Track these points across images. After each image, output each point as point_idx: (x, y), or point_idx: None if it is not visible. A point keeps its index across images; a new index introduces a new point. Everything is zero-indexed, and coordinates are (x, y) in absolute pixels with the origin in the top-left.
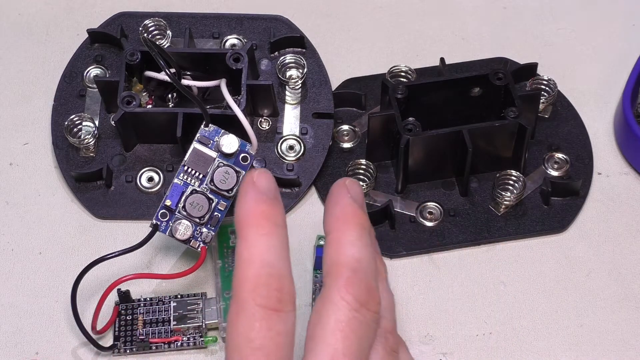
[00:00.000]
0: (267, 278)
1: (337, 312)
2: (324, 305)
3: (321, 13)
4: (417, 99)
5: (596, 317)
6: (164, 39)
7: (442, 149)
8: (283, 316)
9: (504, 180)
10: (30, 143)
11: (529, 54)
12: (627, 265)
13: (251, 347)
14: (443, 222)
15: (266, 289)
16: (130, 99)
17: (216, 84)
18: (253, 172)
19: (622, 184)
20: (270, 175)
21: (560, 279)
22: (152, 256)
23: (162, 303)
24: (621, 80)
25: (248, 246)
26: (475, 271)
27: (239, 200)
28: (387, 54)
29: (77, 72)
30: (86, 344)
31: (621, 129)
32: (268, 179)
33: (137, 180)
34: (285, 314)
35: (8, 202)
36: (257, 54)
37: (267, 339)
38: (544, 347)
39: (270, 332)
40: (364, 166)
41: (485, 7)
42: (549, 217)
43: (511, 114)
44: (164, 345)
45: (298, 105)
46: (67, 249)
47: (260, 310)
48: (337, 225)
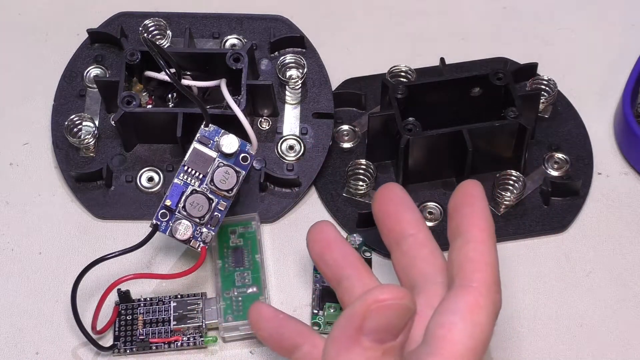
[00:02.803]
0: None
1: (486, 315)
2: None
3: (321, 13)
4: (417, 99)
5: (596, 317)
6: (164, 39)
7: (442, 149)
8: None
9: (504, 180)
10: (30, 143)
11: (529, 54)
12: (627, 265)
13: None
14: (443, 222)
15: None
16: (130, 99)
17: (216, 84)
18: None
19: (622, 184)
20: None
21: (560, 279)
22: (152, 256)
23: (162, 303)
24: (621, 80)
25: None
26: None
27: None
28: (387, 54)
29: (77, 72)
30: (86, 344)
31: (621, 129)
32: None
33: (137, 180)
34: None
35: (8, 202)
36: (257, 54)
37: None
38: (544, 347)
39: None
40: (364, 166)
41: (485, 7)
42: (549, 217)
43: (511, 114)
44: (164, 345)
45: (298, 105)
46: (67, 249)
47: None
48: (480, 225)
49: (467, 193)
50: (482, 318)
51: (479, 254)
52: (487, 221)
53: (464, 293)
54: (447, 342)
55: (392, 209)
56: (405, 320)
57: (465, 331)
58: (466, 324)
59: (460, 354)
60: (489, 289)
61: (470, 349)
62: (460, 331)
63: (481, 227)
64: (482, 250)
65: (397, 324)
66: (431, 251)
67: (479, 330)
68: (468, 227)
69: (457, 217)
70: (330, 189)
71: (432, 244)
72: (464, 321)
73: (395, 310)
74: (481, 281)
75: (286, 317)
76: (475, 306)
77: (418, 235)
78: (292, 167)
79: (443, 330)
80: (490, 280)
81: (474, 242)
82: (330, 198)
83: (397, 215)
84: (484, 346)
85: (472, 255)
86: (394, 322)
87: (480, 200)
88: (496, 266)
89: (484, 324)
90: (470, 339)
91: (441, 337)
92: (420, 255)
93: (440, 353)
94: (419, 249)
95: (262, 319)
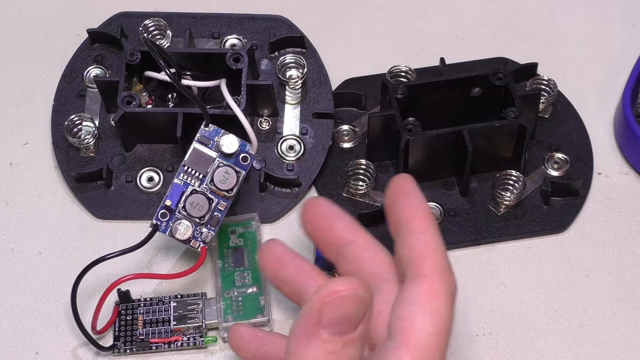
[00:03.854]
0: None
1: (442, 300)
2: (429, 291)
3: (321, 13)
4: (417, 99)
5: (596, 317)
6: (164, 39)
7: (442, 149)
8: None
9: (504, 180)
10: (30, 143)
11: (529, 54)
12: (627, 265)
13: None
14: (443, 222)
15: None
16: (130, 99)
17: (216, 84)
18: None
19: (622, 184)
20: None
21: (560, 279)
22: (152, 256)
23: (162, 303)
24: (621, 80)
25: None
26: (475, 271)
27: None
28: (387, 54)
29: (77, 72)
30: (86, 344)
31: (621, 129)
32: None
33: (137, 180)
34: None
35: (8, 202)
36: (257, 54)
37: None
38: (544, 347)
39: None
40: (364, 166)
41: (485, 7)
42: (549, 217)
43: (511, 114)
44: (164, 345)
45: (298, 105)
46: (67, 249)
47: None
48: (418, 215)
49: (399, 187)
50: (440, 303)
51: (424, 242)
52: (424, 210)
53: (417, 283)
54: (410, 333)
55: (323, 223)
56: (362, 310)
57: (425, 319)
58: (425, 312)
59: (424, 341)
60: (441, 274)
61: (433, 335)
62: (421, 320)
63: (420, 216)
64: (426, 239)
65: (355, 315)
66: (376, 252)
67: (438, 316)
68: (407, 219)
69: (395, 212)
70: (330, 189)
71: (374, 245)
72: (423, 310)
73: (350, 301)
74: (432, 268)
75: (266, 334)
76: (430, 293)
77: (357, 240)
78: (292, 167)
79: (404, 322)
80: (441, 265)
81: (417, 233)
82: (330, 198)
83: (330, 227)
84: (447, 330)
85: (417, 245)
86: (351, 313)
87: (413, 191)
88: (443, 251)
89: (443, 308)
90: (431, 325)
91: (403, 329)
92: (365, 259)
93: (405, 345)
94: (363, 252)
95: (243, 341)
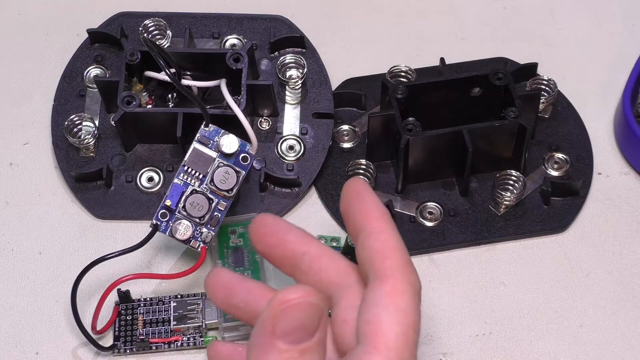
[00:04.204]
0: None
1: (406, 298)
2: (394, 292)
3: (321, 13)
4: (417, 99)
5: (596, 317)
6: (164, 39)
7: (442, 149)
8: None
9: (504, 180)
10: (30, 143)
11: (529, 54)
12: (627, 265)
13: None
14: (443, 222)
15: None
16: (130, 99)
17: (216, 84)
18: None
19: (622, 184)
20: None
21: (560, 279)
22: (152, 256)
23: (162, 303)
24: (621, 80)
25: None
26: (475, 271)
27: None
28: (387, 54)
29: (77, 72)
30: (86, 344)
31: (621, 129)
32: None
33: (137, 180)
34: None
35: (8, 202)
36: (257, 54)
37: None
38: (544, 347)
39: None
40: (364, 166)
41: (485, 7)
42: (549, 217)
43: (511, 114)
44: (164, 345)
45: (298, 105)
46: (67, 249)
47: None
48: (374, 215)
49: (352, 191)
50: (404, 302)
51: (383, 242)
52: (380, 210)
53: (380, 283)
54: (378, 336)
55: (274, 240)
56: (315, 317)
57: (391, 319)
58: (390, 313)
59: (393, 342)
60: (403, 272)
61: (401, 335)
62: (387, 321)
63: (376, 217)
64: (384, 239)
65: (309, 323)
66: (330, 259)
67: (404, 315)
68: (364, 221)
69: (351, 216)
70: (330, 189)
71: (328, 252)
72: (387, 310)
73: (303, 309)
74: (393, 267)
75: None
76: (393, 293)
77: (310, 250)
78: (292, 167)
79: (370, 326)
80: (402, 264)
81: (375, 233)
82: (330, 198)
83: (281, 242)
84: (414, 329)
85: (376, 246)
86: (305, 321)
87: (366, 193)
88: (403, 248)
89: (408, 307)
90: (398, 325)
91: (371, 333)
92: (321, 267)
93: (374, 348)
94: (317, 261)
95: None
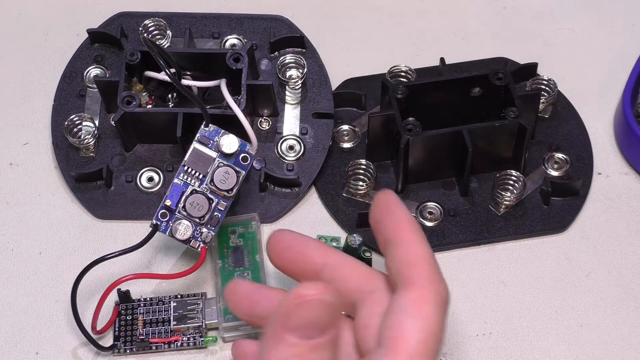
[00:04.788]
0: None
1: (431, 307)
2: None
3: (321, 13)
4: (417, 99)
5: (596, 317)
6: (164, 39)
7: (442, 149)
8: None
9: (504, 180)
10: (30, 143)
11: (529, 54)
12: (627, 265)
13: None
14: (443, 222)
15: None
16: (130, 99)
17: (216, 84)
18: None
19: (622, 184)
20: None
21: (560, 279)
22: (152, 256)
23: (162, 303)
24: (621, 80)
25: None
26: (475, 271)
27: None
28: (387, 54)
29: (77, 72)
30: (86, 344)
31: (621, 129)
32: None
33: (137, 180)
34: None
35: (8, 202)
36: (257, 54)
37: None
38: (544, 347)
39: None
40: (364, 166)
41: (485, 7)
42: (549, 217)
43: (511, 114)
44: (164, 345)
45: (298, 105)
46: (67, 249)
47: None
48: (404, 228)
49: (382, 203)
50: (429, 310)
51: (412, 253)
52: (411, 223)
53: (406, 291)
54: (399, 340)
55: (293, 255)
56: (329, 315)
57: (414, 326)
58: (414, 319)
59: (414, 349)
60: (430, 281)
61: (422, 342)
62: (410, 327)
63: (407, 230)
64: (413, 250)
65: (322, 320)
66: (350, 268)
67: (427, 322)
68: (394, 234)
69: (382, 229)
70: (330, 189)
71: (347, 261)
72: (412, 317)
73: (317, 306)
74: (421, 276)
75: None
76: (419, 300)
77: (329, 261)
78: (292, 167)
79: (393, 330)
80: (429, 273)
81: (404, 245)
82: (330, 198)
83: (301, 256)
84: (436, 337)
85: (405, 257)
86: (318, 317)
87: (397, 206)
88: (432, 259)
89: (432, 315)
90: (420, 332)
91: (393, 337)
92: (342, 277)
93: (394, 352)
94: (339, 271)
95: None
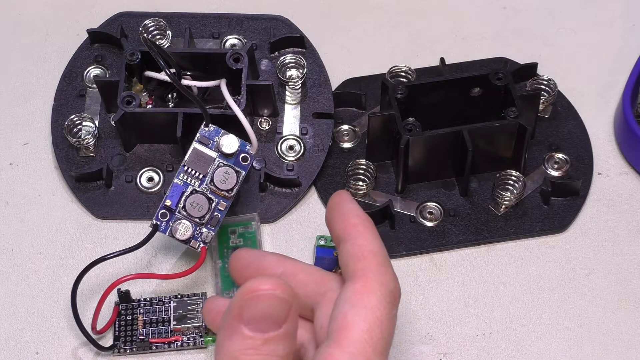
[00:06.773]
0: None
1: (376, 297)
2: (370, 291)
3: (321, 13)
4: (417, 99)
5: (596, 317)
6: (164, 39)
7: (442, 149)
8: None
9: (504, 180)
10: (30, 143)
11: (529, 54)
12: (627, 265)
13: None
14: (443, 222)
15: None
16: (130, 99)
17: (216, 84)
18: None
19: (622, 184)
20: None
21: (560, 279)
22: (152, 256)
23: (162, 303)
24: (621, 80)
25: None
26: (475, 271)
27: None
28: (387, 54)
29: (77, 72)
30: (86, 344)
31: (621, 129)
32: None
33: (137, 180)
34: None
35: (8, 202)
36: (257, 54)
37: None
38: (544, 347)
39: None
40: (364, 166)
41: (485, 7)
42: (549, 217)
43: (511, 114)
44: (164, 345)
45: (298, 105)
46: (67, 249)
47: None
48: (352, 223)
49: (333, 203)
50: (373, 300)
51: (358, 246)
52: (359, 217)
53: (351, 282)
54: (343, 330)
55: (251, 271)
56: (282, 310)
57: (357, 316)
58: (357, 309)
59: (356, 338)
60: (375, 272)
61: (366, 331)
62: (353, 317)
63: (354, 224)
64: (360, 243)
65: (275, 314)
66: (306, 273)
67: (370, 312)
68: (343, 230)
69: (333, 227)
70: (330, 189)
71: (303, 268)
72: (355, 307)
73: (269, 300)
74: (365, 268)
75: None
76: (363, 291)
77: (285, 269)
78: (292, 167)
79: (336, 322)
80: (375, 265)
81: (352, 239)
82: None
83: (257, 270)
84: (382, 327)
85: (353, 251)
86: (271, 311)
87: (346, 202)
88: (380, 251)
89: (376, 305)
90: (364, 322)
91: (336, 328)
92: (299, 283)
93: (338, 342)
94: (294, 278)
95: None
